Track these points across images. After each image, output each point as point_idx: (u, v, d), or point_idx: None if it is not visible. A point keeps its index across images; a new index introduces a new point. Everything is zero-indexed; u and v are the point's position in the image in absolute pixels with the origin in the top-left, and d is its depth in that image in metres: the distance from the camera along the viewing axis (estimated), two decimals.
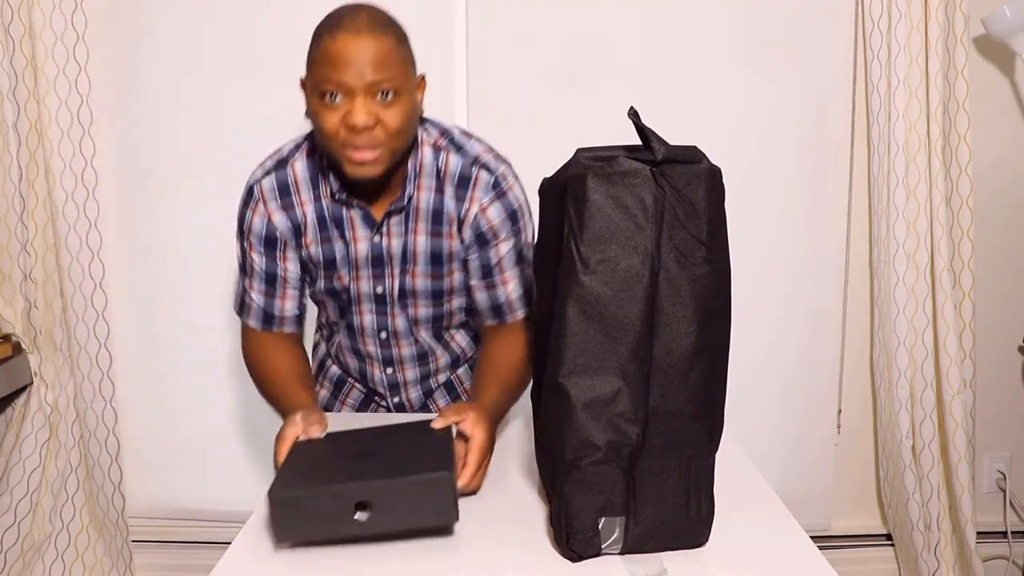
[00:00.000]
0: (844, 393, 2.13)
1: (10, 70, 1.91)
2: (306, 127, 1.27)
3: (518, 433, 1.25)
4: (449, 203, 1.20)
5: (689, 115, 1.95)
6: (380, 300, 1.27)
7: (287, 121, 1.96)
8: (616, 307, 0.82)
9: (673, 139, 0.84)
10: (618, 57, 1.98)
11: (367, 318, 1.29)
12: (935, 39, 1.88)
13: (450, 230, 1.22)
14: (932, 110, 1.91)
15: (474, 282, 1.25)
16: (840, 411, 2.14)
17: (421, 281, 1.25)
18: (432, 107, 1.19)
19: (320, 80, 1.06)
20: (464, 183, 1.19)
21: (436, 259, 1.24)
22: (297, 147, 1.24)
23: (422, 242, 1.22)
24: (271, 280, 1.25)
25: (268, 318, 1.27)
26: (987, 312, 2.07)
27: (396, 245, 1.22)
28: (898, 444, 2.02)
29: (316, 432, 1.06)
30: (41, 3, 1.87)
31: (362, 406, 1.45)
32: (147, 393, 2.11)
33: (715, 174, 0.84)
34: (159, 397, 2.12)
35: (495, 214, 1.20)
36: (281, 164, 1.23)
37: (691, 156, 0.84)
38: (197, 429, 2.12)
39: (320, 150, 1.19)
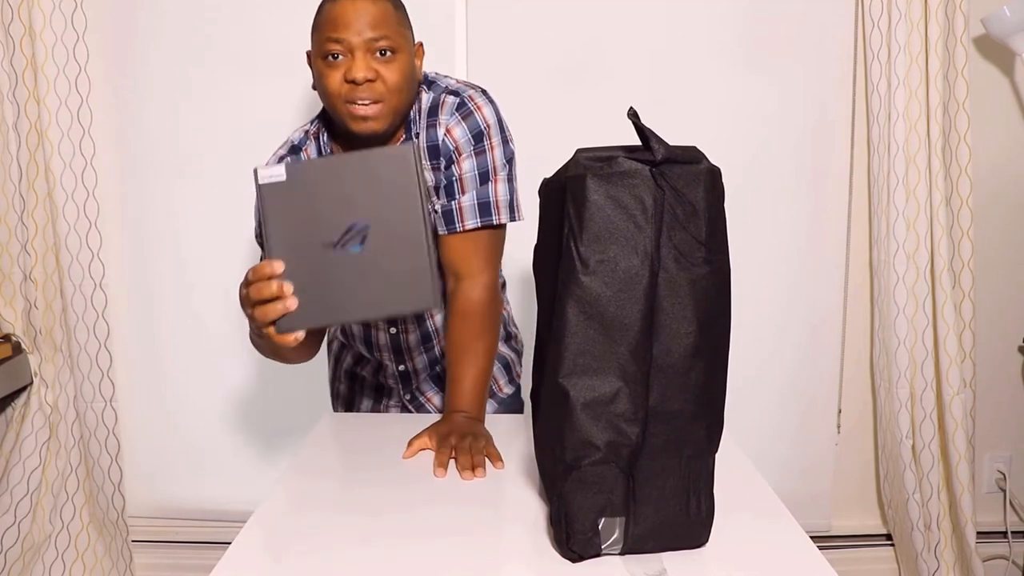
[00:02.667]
0: (844, 393, 2.13)
1: (10, 70, 1.91)
2: (307, 116, 1.29)
3: (518, 433, 1.25)
4: (422, 135, 1.23)
5: (689, 115, 1.95)
6: None
7: (287, 121, 1.97)
8: (616, 307, 0.82)
9: (673, 139, 0.84)
10: (618, 57, 1.98)
11: None
12: (935, 39, 1.88)
13: (424, 163, 1.23)
14: (932, 110, 1.91)
15: (439, 204, 1.26)
16: (840, 411, 2.14)
17: None
18: None
19: (322, 42, 1.14)
20: (433, 111, 1.23)
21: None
22: (305, 133, 1.29)
23: None
24: None
25: None
26: (987, 312, 2.07)
27: None
28: (898, 444, 2.02)
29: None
30: (41, 3, 1.87)
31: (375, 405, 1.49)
32: (147, 393, 2.11)
33: (715, 174, 0.84)
34: (159, 397, 2.12)
35: (460, 134, 1.22)
36: (294, 151, 1.28)
37: (691, 156, 0.84)
38: (197, 429, 2.12)
39: (327, 110, 1.22)
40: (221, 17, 1.96)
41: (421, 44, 1.23)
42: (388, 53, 1.14)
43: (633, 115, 0.84)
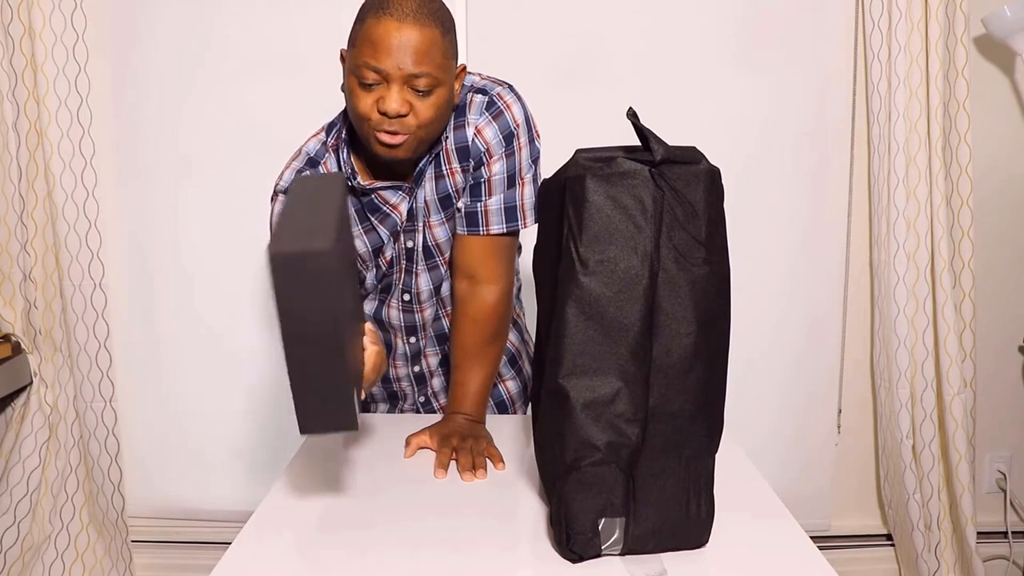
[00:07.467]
0: (844, 393, 2.13)
1: (10, 70, 1.91)
2: (308, 115, 1.28)
3: (518, 433, 1.25)
4: (449, 136, 1.18)
5: (688, 115, 1.94)
6: (409, 258, 1.26)
7: (286, 121, 1.96)
8: (615, 308, 0.82)
9: (672, 139, 0.84)
10: (618, 57, 1.98)
11: (394, 278, 1.29)
12: (935, 39, 1.88)
13: (450, 167, 1.20)
14: (932, 110, 1.91)
15: (461, 202, 1.22)
16: (840, 411, 2.14)
17: (440, 231, 1.24)
18: None
19: (359, 63, 1.06)
20: (460, 111, 1.18)
21: (444, 202, 1.23)
22: (323, 145, 1.24)
23: (429, 189, 1.21)
24: None
25: None
26: (987, 312, 2.07)
27: (419, 196, 1.22)
28: (898, 444, 2.02)
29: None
30: (41, 3, 1.87)
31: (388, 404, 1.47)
32: (147, 393, 2.11)
33: (714, 175, 0.84)
34: (159, 397, 2.12)
35: (491, 135, 1.18)
36: (312, 164, 1.23)
37: (690, 157, 0.84)
38: (197, 429, 2.12)
39: (352, 124, 1.17)
40: (221, 17, 1.96)
41: (464, 67, 1.16)
42: (426, 88, 1.07)
43: (632, 115, 0.84)
